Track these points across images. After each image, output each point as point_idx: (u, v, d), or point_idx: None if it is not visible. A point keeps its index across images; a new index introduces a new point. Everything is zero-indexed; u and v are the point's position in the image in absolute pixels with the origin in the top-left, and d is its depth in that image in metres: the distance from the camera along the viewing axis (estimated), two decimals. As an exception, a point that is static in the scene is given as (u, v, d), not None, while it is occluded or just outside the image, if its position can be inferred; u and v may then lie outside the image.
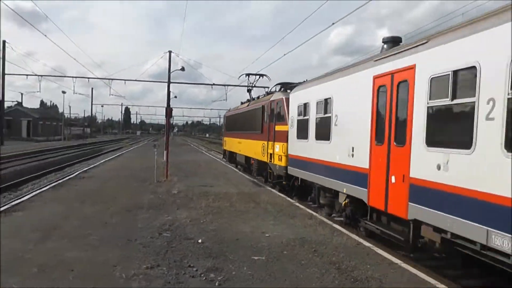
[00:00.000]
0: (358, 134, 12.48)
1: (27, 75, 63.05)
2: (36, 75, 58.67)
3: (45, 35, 38.89)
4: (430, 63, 9.22)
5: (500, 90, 7.07)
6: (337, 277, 8.34)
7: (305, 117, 17.09)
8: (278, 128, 21.16)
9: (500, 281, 8.76)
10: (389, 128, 10.88)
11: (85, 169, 29.11)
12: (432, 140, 9.00)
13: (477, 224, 7.50)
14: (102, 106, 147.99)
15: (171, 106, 32.15)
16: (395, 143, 10.56)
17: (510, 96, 6.88)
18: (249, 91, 35.08)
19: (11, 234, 10.70)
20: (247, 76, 35.88)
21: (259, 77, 35.41)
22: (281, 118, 20.99)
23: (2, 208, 13.97)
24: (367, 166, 11.88)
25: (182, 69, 41.54)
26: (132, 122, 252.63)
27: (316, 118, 15.94)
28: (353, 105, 13.03)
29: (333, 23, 21.28)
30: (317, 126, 15.87)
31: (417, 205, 9.44)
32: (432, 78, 9.03)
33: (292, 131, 18.70)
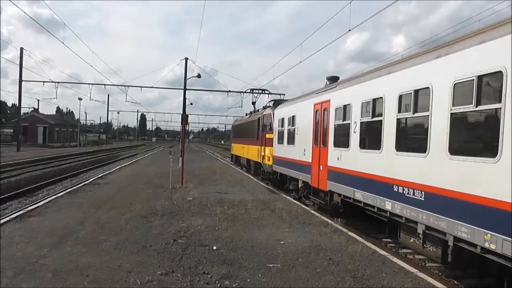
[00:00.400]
0: (307, 140, 18.73)
1: (44, 81, 63.73)
2: (52, 81, 59.13)
3: (62, 42, 39.79)
4: (337, 99, 15.64)
5: (357, 116, 13.76)
6: (352, 285, 8.30)
7: (282, 128, 23.55)
8: (267, 136, 27.58)
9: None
10: (319, 136, 17.29)
11: (100, 175, 29.31)
12: (336, 144, 15.41)
13: (350, 188, 13.91)
14: (118, 112, 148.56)
15: (186, 113, 32.36)
16: (322, 146, 16.89)
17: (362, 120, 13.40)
18: (253, 103, 41.71)
19: (26, 239, 10.80)
20: (251, 91, 45.21)
21: (262, 92, 44.42)
22: (269, 128, 27.36)
23: (17, 214, 14.12)
24: (310, 160, 18.30)
25: (198, 76, 41.70)
26: (147, 128, 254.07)
27: (288, 129, 22.32)
28: (305, 121, 19.17)
29: (349, 30, 21.29)
30: (288, 134, 22.27)
31: (330, 182, 15.83)
32: (336, 108, 15.50)
33: (275, 138, 25.05)
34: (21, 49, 60.02)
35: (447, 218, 8.69)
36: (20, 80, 61.05)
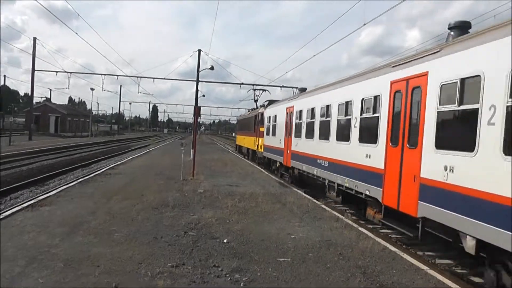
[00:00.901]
0: (282, 132, 26.82)
1: (56, 71, 64.14)
2: (65, 71, 59.53)
3: (76, 33, 39.86)
4: (298, 105, 23.25)
5: (307, 117, 21.79)
6: (362, 281, 8.30)
7: (269, 123, 32.14)
8: (261, 129, 35.80)
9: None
10: (288, 130, 25.26)
11: (112, 165, 29.50)
12: (295, 135, 22.88)
13: (300, 163, 22.03)
14: (130, 103, 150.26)
15: (199, 105, 32.41)
16: (289, 136, 24.75)
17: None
18: (255, 101, 49.93)
19: (38, 228, 10.92)
20: (254, 90, 51.47)
21: (263, 92, 51.07)
22: (262, 123, 35.20)
23: (29, 203, 14.26)
24: (283, 147, 26.32)
25: (211, 68, 41.77)
26: (159, 120, 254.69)
27: (272, 124, 30.47)
28: (281, 119, 27.34)
29: (364, 24, 21.26)
30: (272, 128, 30.54)
31: (292, 160, 23.74)
32: (297, 111, 22.93)
33: (265, 131, 33.68)
34: (34, 39, 60.59)
35: (338, 175, 16.48)
36: (33, 70, 61.52)
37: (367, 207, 14.54)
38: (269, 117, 31.84)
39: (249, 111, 50.40)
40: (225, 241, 10.63)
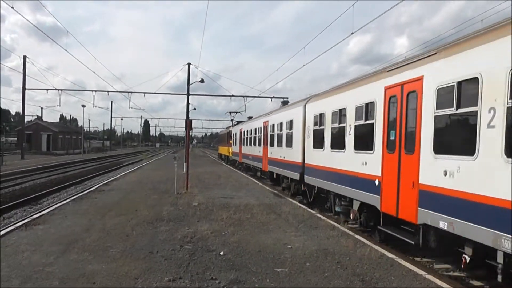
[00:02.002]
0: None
1: (47, 89, 63.15)
2: (56, 89, 58.99)
3: (65, 50, 39.54)
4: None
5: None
6: (362, 289, 8.25)
7: (237, 137, 46.36)
8: (229, 141, 53.77)
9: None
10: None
11: (105, 182, 29.31)
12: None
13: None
14: (121, 119, 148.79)
15: (190, 118, 32.36)
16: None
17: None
18: (231, 120, 66.87)
19: (32, 247, 10.78)
20: (230, 113, 66.71)
21: (237, 113, 65.37)
22: (231, 137, 52.46)
23: (23, 222, 14.11)
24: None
25: (202, 81, 41.72)
26: (151, 134, 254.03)
27: (242, 137, 41.20)
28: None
29: (352, 33, 21.23)
30: (242, 140, 41.29)
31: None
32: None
33: (235, 141, 48.20)
34: (24, 57, 60.34)
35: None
36: (24, 88, 61.28)
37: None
38: (244, 131, 41.84)
39: (226, 128, 69.58)
40: (221, 253, 10.54)
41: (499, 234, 7.57)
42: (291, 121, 22.99)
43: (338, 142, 15.82)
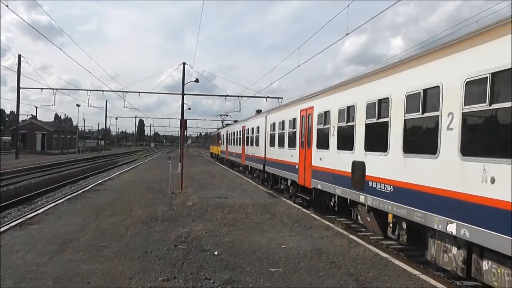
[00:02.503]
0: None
1: (41, 88, 63.27)
2: (50, 88, 58.81)
3: (60, 49, 39.53)
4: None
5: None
6: (355, 289, 8.26)
7: (224, 138, 53.88)
8: (219, 141, 61.73)
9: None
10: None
11: (100, 181, 29.23)
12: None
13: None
14: (116, 118, 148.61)
15: (185, 118, 32.39)
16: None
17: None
18: (222, 122, 77.17)
19: (26, 247, 10.75)
20: (220, 115, 79.95)
21: (227, 115, 77.99)
22: (220, 138, 60.38)
23: (17, 222, 14.07)
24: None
25: (196, 80, 41.74)
26: (146, 134, 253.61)
27: (228, 138, 49.87)
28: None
29: (347, 33, 21.25)
30: (228, 140, 49.74)
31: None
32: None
33: (223, 141, 56.18)
34: (19, 56, 60.04)
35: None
36: (18, 87, 61.02)
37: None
38: (225, 134, 54.07)
39: (216, 130, 79.49)
40: (216, 253, 10.54)
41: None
42: (258, 127, 30.74)
43: (280, 142, 23.71)
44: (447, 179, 8.73)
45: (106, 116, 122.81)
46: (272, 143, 25.67)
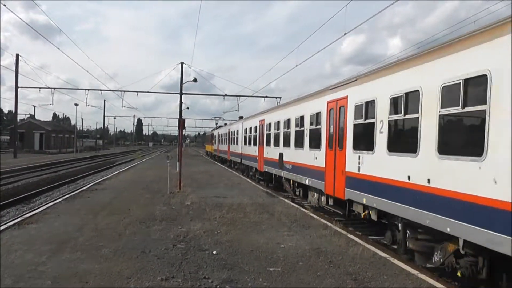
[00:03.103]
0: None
1: (40, 88, 63.00)
2: (49, 87, 58.80)
3: (58, 48, 39.47)
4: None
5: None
6: (354, 288, 8.26)
7: (216, 138, 65.67)
8: (212, 141, 74.04)
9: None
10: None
11: (98, 181, 29.24)
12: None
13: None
14: (114, 118, 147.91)
15: (183, 117, 32.37)
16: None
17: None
18: (216, 124, 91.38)
19: (24, 246, 10.73)
20: (215, 118, 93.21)
21: (220, 118, 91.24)
22: (213, 138, 71.73)
23: (15, 221, 14.04)
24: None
25: (195, 80, 41.71)
26: (144, 133, 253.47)
27: (218, 138, 61.20)
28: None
29: (345, 33, 21.27)
30: (219, 140, 60.23)
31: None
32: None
33: (215, 141, 66.81)
34: (17, 55, 60.03)
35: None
36: (16, 87, 61.04)
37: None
38: (217, 134, 64.65)
39: (211, 130, 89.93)
40: (214, 252, 10.53)
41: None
42: (237, 131, 40.86)
43: (253, 142, 32.20)
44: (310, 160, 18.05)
45: (104, 116, 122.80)
46: (248, 143, 33.96)
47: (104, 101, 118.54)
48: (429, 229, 9.70)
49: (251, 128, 32.89)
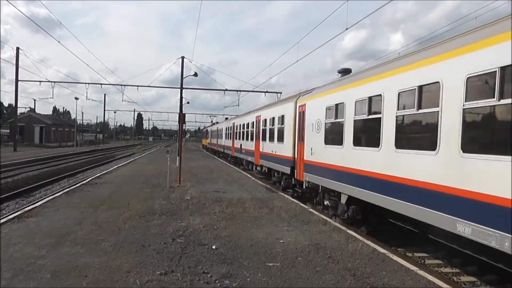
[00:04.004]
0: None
1: (40, 81, 63.09)
2: (49, 81, 58.58)
3: (59, 41, 39.24)
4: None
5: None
6: (353, 283, 8.28)
7: (209, 134, 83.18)
8: (206, 136, 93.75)
9: None
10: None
11: (98, 175, 29.24)
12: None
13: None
14: (114, 112, 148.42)
15: (184, 112, 32.31)
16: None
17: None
18: (211, 121, 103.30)
19: (24, 239, 10.75)
20: (210, 115, 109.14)
21: (215, 116, 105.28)
22: (207, 134, 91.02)
23: (15, 214, 14.05)
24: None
25: (195, 74, 41.69)
26: (144, 128, 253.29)
27: (211, 134, 77.56)
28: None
29: (346, 28, 21.21)
30: (211, 135, 76.72)
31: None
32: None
33: (209, 136, 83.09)
34: (17, 48, 59.91)
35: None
36: (17, 80, 60.95)
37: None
38: (213, 130, 73.58)
39: (208, 126, 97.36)
40: (213, 247, 10.55)
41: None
42: (222, 129, 55.53)
43: (229, 137, 47.36)
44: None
45: (104, 110, 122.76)
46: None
47: (105, 95, 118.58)
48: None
49: (228, 127, 49.67)
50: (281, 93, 55.76)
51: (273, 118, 25.54)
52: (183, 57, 41.53)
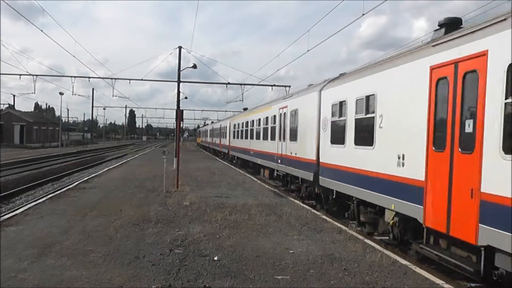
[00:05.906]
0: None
1: (20, 74, 63.00)
2: (30, 74, 58.61)
3: (41, 30, 39.22)
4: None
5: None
6: (371, 299, 8.29)
7: (201, 133, 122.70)
8: (199, 136, 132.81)
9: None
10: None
11: (86, 178, 29.32)
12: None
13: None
14: (104, 108, 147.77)
15: (181, 108, 32.38)
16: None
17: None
18: (207, 119, 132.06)
19: (3, 251, 10.76)
20: (203, 119, 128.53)
21: (207, 119, 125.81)
22: (200, 133, 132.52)
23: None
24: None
25: (194, 66, 41.59)
26: (137, 126, 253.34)
27: (202, 134, 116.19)
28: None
29: (363, 14, 21.17)
30: (202, 135, 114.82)
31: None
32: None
33: (201, 136, 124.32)
34: (-5, 38, 60.03)
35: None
36: (-5, 73, 61.04)
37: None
38: (203, 130, 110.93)
39: (203, 125, 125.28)
40: (215, 258, 10.58)
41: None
42: (208, 129, 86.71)
43: (216, 136, 69.04)
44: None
45: (92, 106, 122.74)
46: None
47: (93, 89, 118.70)
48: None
49: (216, 128, 69.45)
50: (290, 86, 55.70)
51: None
52: (180, 47, 41.44)
